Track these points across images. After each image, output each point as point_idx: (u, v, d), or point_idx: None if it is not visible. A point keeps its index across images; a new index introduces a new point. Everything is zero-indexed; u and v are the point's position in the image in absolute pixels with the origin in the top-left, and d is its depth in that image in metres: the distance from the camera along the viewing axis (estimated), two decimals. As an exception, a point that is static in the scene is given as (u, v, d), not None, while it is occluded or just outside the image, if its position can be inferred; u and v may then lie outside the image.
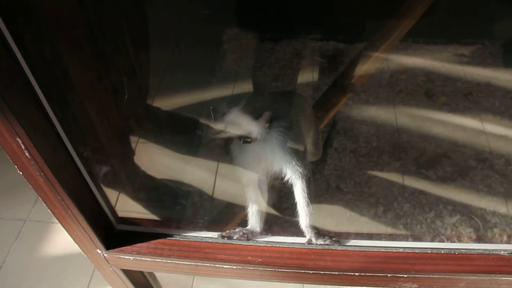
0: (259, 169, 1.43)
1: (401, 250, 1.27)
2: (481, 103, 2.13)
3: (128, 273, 1.42)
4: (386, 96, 2.20)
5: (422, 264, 1.24)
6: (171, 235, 1.32)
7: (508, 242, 1.75)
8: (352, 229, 1.82)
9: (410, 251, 1.26)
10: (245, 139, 1.30)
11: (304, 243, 1.29)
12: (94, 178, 1.24)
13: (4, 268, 1.94)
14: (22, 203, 2.11)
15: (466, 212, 1.81)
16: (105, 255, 1.32)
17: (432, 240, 1.69)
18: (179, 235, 1.31)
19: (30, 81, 0.98)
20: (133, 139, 1.91)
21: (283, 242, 1.29)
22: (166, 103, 2.12)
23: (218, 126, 1.25)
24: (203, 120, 1.31)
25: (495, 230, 1.77)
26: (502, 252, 1.25)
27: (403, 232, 1.77)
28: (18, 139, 1.00)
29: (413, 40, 2.35)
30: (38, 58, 1.07)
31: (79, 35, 1.31)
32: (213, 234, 1.31)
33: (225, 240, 1.29)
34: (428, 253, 1.26)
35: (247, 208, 1.44)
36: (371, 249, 1.27)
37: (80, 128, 1.30)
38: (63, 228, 1.98)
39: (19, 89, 0.97)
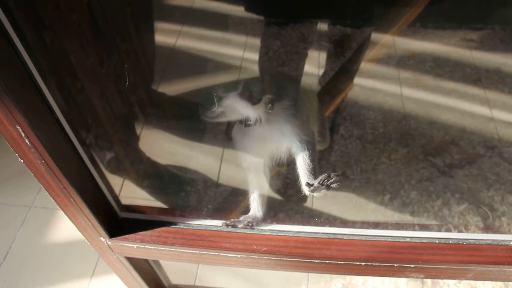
0: (263, 152, 1.41)
1: (408, 239, 1.25)
2: (490, 89, 2.10)
3: (132, 260, 1.41)
4: (394, 82, 2.17)
5: (430, 254, 1.22)
6: (175, 223, 1.30)
7: (516, 231, 1.73)
8: (358, 216, 1.80)
9: (417, 241, 1.24)
10: (247, 123, 1.28)
11: (310, 232, 1.27)
12: (97, 165, 1.22)
13: (10, 254, 1.93)
14: (27, 190, 2.11)
15: (474, 201, 1.79)
16: (108, 243, 1.31)
17: (440, 230, 1.67)
18: (183, 223, 1.30)
19: (29, 68, 0.96)
20: (137, 125, 1.90)
21: (288, 231, 1.27)
22: (171, 88, 2.09)
23: (215, 110, 1.24)
24: (200, 104, 1.30)
25: (503, 219, 1.75)
26: (511, 243, 1.23)
27: (410, 220, 1.76)
28: (18, 127, 0.98)
29: (421, 25, 2.29)
30: (37, 43, 1.05)
31: (79, 18, 1.28)
32: (218, 223, 1.29)
33: (230, 229, 1.28)
34: (436, 243, 1.24)
35: (249, 194, 1.42)
36: (378, 239, 1.25)
37: (82, 114, 1.28)
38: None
39: (18, 76, 0.95)
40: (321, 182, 1.22)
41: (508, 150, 1.93)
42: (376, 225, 1.30)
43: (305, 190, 1.28)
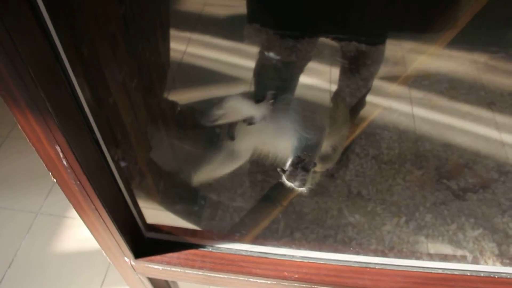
0: (267, 149, 1.39)
1: (440, 271, 1.24)
2: (503, 113, 2.11)
3: (153, 280, 1.38)
4: (408, 102, 2.16)
5: (461, 287, 1.21)
6: (203, 246, 1.27)
7: (530, 259, 1.73)
8: (373, 238, 1.79)
9: (449, 272, 1.23)
10: (250, 121, 1.26)
11: (341, 260, 1.25)
12: (126, 183, 1.18)
13: (15, 262, 1.87)
14: (33, 195, 2.04)
15: (489, 226, 1.79)
16: (132, 263, 1.27)
17: (470, 262, 1.66)
18: (212, 246, 1.27)
19: (73, 84, 0.93)
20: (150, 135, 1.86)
21: (319, 258, 1.25)
22: (181, 97, 2.06)
23: (216, 112, 1.21)
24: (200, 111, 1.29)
25: (517, 246, 1.76)
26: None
27: (430, 247, 1.75)
28: (57, 147, 0.94)
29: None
30: (79, 60, 1.01)
31: (115, 30, 1.24)
32: (248, 247, 1.27)
33: (260, 254, 1.25)
34: (467, 275, 1.23)
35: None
36: (410, 269, 1.24)
37: (113, 130, 1.24)
38: (76, 224, 1.94)
39: (64, 93, 0.91)
40: (293, 165, 1.17)
41: (521, 175, 1.94)
42: (406, 254, 1.30)
43: (284, 179, 1.22)
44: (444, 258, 1.30)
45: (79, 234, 1.92)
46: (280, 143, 1.35)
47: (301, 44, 2.39)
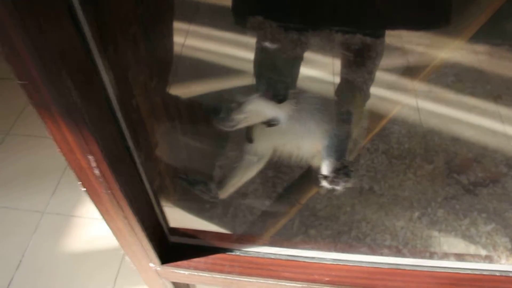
0: (288, 149, 1.36)
1: (469, 271, 1.24)
2: (510, 107, 2.12)
3: (177, 284, 1.35)
4: (414, 95, 2.16)
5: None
6: (230, 250, 1.24)
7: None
8: (387, 234, 1.79)
9: (478, 273, 1.23)
10: (271, 123, 1.23)
11: (371, 262, 1.24)
12: (152, 188, 1.15)
13: (23, 264, 1.82)
14: (38, 194, 1.98)
15: (501, 221, 1.80)
16: (157, 269, 1.24)
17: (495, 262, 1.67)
18: (239, 250, 1.24)
19: (107, 91, 0.89)
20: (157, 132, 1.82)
21: (350, 260, 1.23)
22: (183, 90, 2.02)
23: (236, 117, 1.18)
24: (215, 114, 1.25)
25: (528, 240, 1.77)
26: None
27: (460, 247, 1.75)
28: (90, 157, 0.91)
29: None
30: (111, 62, 0.97)
31: (135, 31, 1.20)
32: (276, 250, 1.25)
33: (290, 258, 1.23)
34: (497, 275, 1.23)
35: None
36: (439, 270, 1.24)
37: (139, 133, 1.20)
38: (84, 222, 1.90)
39: (99, 102, 0.87)
40: (336, 171, 1.16)
41: (530, 169, 1.95)
42: (436, 255, 1.29)
43: (324, 183, 1.22)
44: (472, 258, 1.30)
45: (88, 233, 1.88)
46: (304, 142, 1.33)
47: (305, 37, 2.36)
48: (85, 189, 1.01)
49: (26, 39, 0.67)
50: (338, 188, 1.17)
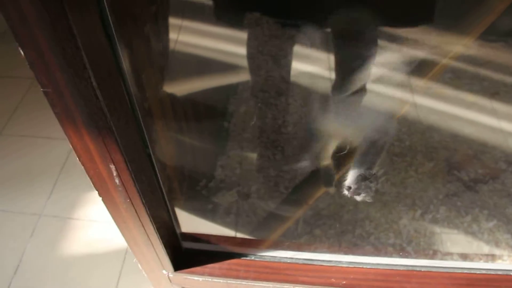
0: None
1: (484, 271, 1.24)
2: (508, 103, 2.13)
3: (187, 289, 1.33)
4: (412, 92, 2.16)
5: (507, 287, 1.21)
6: (244, 255, 1.22)
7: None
8: (391, 232, 1.79)
9: (493, 273, 1.24)
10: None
11: (387, 264, 1.24)
12: (168, 194, 1.12)
13: (21, 268, 1.76)
14: (35, 196, 1.92)
15: (502, 217, 1.82)
16: (170, 275, 1.22)
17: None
18: (254, 254, 1.22)
19: (132, 98, 0.85)
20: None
21: (367, 263, 1.22)
22: (177, 88, 1.98)
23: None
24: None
25: (529, 236, 1.79)
26: None
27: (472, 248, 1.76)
28: (112, 166, 0.87)
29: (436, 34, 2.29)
30: (132, 65, 0.93)
31: (149, 30, 1.16)
32: (292, 254, 1.23)
33: (306, 261, 1.22)
34: (511, 275, 1.24)
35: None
36: (454, 270, 1.23)
37: (156, 137, 1.16)
38: (82, 225, 1.85)
39: (125, 110, 0.84)
40: (358, 184, 1.18)
41: (528, 165, 1.97)
42: (451, 256, 1.29)
43: (346, 192, 1.24)
44: (487, 258, 1.31)
45: (87, 235, 1.83)
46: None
47: (303, 33, 2.34)
48: (101, 197, 0.97)
49: (53, 41, 0.63)
50: (358, 198, 1.18)
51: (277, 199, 1.80)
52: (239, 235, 1.68)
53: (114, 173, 0.89)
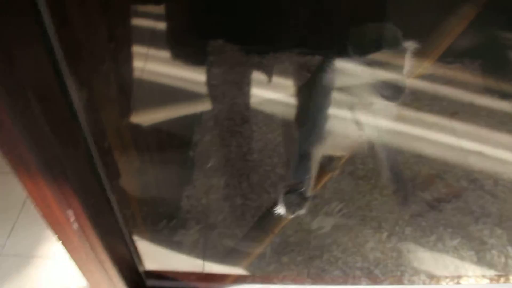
0: None
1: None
2: (466, 122, 2.19)
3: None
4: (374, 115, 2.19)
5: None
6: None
7: (506, 264, 1.80)
8: (359, 256, 1.79)
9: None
10: None
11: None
12: (130, 232, 1.11)
13: (-20, 314, 1.70)
14: (-7, 234, 1.86)
15: (465, 235, 1.85)
16: (135, 315, 1.19)
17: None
18: (220, 289, 1.22)
19: (88, 141, 0.85)
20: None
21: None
22: (144, 118, 1.97)
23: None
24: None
25: (493, 251, 1.82)
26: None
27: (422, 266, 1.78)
28: (70, 211, 0.87)
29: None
30: (91, 110, 0.93)
31: (108, 69, 1.16)
32: (261, 286, 1.22)
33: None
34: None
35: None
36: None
37: (116, 176, 1.15)
38: (46, 263, 1.80)
39: (81, 156, 0.83)
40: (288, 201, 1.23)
41: (488, 182, 2.02)
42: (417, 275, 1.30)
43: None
44: (453, 277, 1.33)
45: (51, 274, 1.78)
46: None
47: (266, 59, 2.37)
48: (61, 241, 0.96)
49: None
50: (292, 216, 1.25)
51: (244, 228, 1.80)
52: (207, 266, 1.67)
53: (72, 218, 0.88)
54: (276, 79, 2.31)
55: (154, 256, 1.64)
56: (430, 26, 1.72)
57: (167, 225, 1.76)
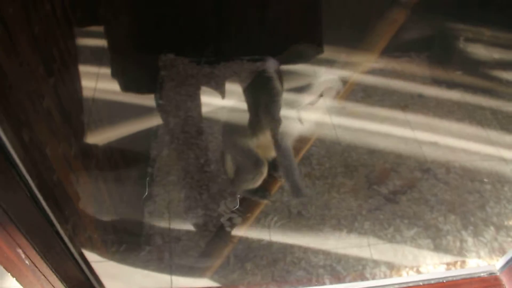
0: None
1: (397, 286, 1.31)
2: (416, 114, 2.27)
3: None
4: (327, 113, 2.25)
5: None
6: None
7: (461, 248, 1.88)
8: (321, 254, 1.85)
9: (405, 286, 1.32)
10: None
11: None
12: (87, 261, 1.14)
13: None
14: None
15: (422, 224, 1.92)
16: None
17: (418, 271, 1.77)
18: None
19: (29, 182, 0.87)
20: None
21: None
22: (99, 139, 1.98)
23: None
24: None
25: (448, 237, 1.90)
26: (482, 274, 1.35)
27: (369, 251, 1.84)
28: (19, 250, 0.90)
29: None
30: (22, 147, 0.95)
31: (48, 104, 1.18)
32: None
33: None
34: (420, 285, 1.32)
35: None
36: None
37: (63, 208, 1.18)
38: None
39: (21, 198, 0.86)
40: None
41: (440, 171, 2.10)
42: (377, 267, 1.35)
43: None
44: (412, 267, 1.37)
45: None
46: None
47: (217, 69, 2.41)
48: (15, 277, 0.99)
49: None
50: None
51: (207, 238, 1.83)
52: (175, 281, 1.70)
53: (23, 256, 0.91)
54: (228, 86, 2.34)
55: (121, 277, 1.67)
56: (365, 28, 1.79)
57: (131, 243, 1.79)
